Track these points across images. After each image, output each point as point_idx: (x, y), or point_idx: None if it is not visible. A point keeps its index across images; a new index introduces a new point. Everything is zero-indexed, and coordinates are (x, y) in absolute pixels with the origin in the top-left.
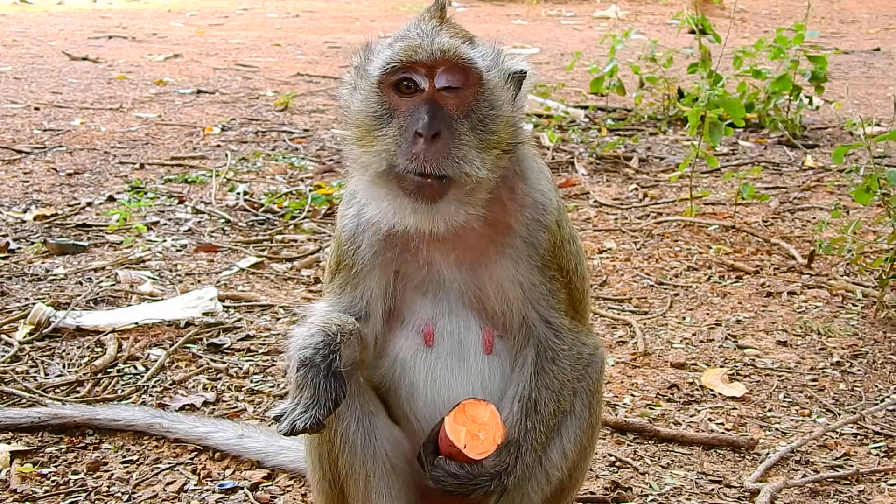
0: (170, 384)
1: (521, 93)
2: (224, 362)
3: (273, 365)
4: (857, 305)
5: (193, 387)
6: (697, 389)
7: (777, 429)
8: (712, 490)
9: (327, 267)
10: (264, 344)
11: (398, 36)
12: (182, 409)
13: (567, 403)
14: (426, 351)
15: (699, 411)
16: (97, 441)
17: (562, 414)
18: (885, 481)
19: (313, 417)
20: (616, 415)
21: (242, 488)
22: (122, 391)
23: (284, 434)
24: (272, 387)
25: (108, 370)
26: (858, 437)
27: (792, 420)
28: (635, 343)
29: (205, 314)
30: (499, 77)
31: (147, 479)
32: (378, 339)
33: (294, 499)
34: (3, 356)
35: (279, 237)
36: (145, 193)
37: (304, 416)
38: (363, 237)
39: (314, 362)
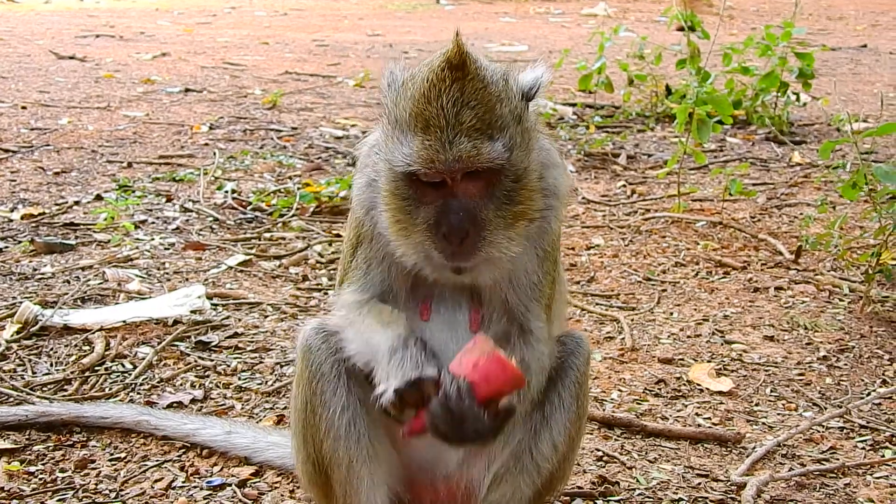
0: (157, 382)
1: (533, 107)
2: (212, 360)
3: (261, 362)
4: (843, 300)
5: (181, 384)
6: (685, 384)
7: (764, 423)
8: (699, 484)
9: (346, 244)
10: (252, 341)
11: (418, 113)
12: (170, 406)
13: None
14: (423, 325)
15: (686, 406)
16: (85, 439)
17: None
18: (871, 474)
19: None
20: (603, 410)
21: (230, 485)
22: (110, 389)
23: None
24: (260, 384)
25: (96, 368)
26: (844, 431)
27: (778, 414)
28: (623, 339)
29: (192, 312)
30: (521, 149)
31: (135, 476)
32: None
33: (282, 495)
34: None
35: (267, 235)
36: (133, 192)
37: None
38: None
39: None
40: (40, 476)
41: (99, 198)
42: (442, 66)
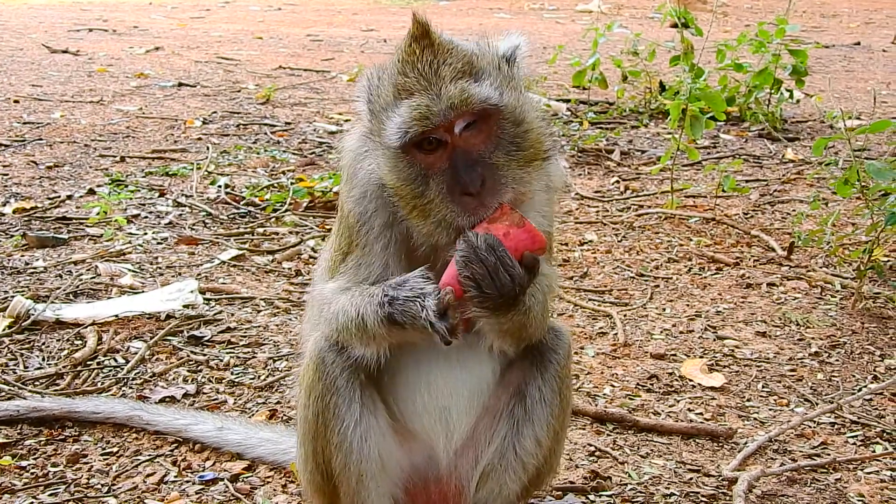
0: (150, 376)
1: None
2: (204, 354)
3: (254, 357)
4: (835, 296)
5: (174, 379)
6: (677, 380)
7: (755, 418)
8: (691, 479)
9: (334, 249)
10: (245, 336)
11: (400, 87)
12: (162, 401)
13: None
14: None
15: (678, 401)
16: (77, 433)
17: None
18: (862, 470)
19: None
20: (596, 405)
21: (222, 479)
22: (102, 384)
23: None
24: (252, 379)
25: (88, 363)
26: (836, 427)
27: (770, 410)
28: (616, 334)
29: (185, 306)
30: (512, 92)
31: (127, 470)
32: None
33: (274, 490)
34: None
35: (260, 230)
36: (126, 186)
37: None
38: (375, 217)
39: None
40: (32, 470)
41: (91, 192)
42: (408, 43)
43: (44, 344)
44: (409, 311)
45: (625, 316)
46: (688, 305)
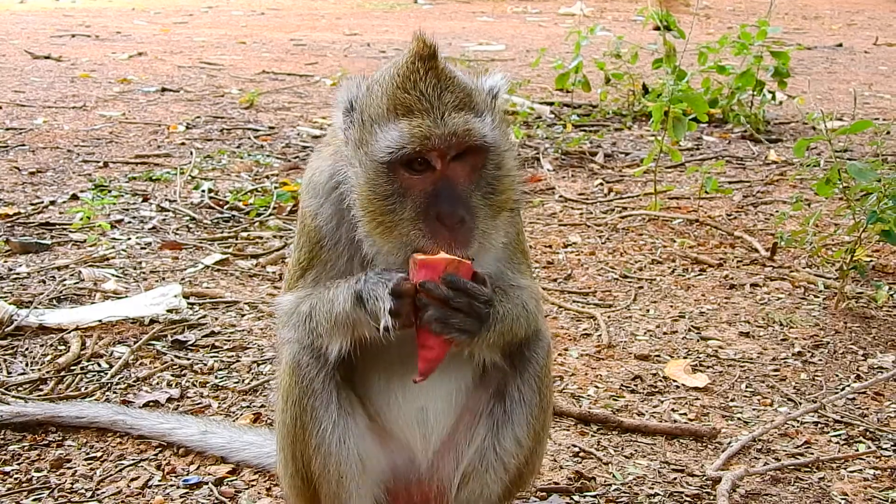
0: (134, 381)
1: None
2: (188, 359)
3: (238, 361)
4: (818, 297)
5: (157, 383)
6: (661, 380)
7: (739, 418)
8: (675, 479)
9: (293, 263)
10: (229, 340)
11: (398, 102)
12: (146, 405)
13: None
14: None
15: (662, 402)
16: (60, 438)
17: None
18: (845, 468)
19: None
20: (580, 406)
21: (207, 483)
22: (86, 388)
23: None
24: (237, 383)
25: (72, 368)
26: (819, 426)
27: (754, 409)
28: (600, 335)
29: (169, 311)
30: (502, 135)
31: (111, 475)
32: None
33: (259, 493)
34: None
35: (244, 234)
36: (109, 191)
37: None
38: (342, 231)
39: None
40: (15, 476)
41: (75, 197)
42: (412, 60)
43: (27, 349)
44: (373, 290)
45: (609, 317)
46: (671, 306)
